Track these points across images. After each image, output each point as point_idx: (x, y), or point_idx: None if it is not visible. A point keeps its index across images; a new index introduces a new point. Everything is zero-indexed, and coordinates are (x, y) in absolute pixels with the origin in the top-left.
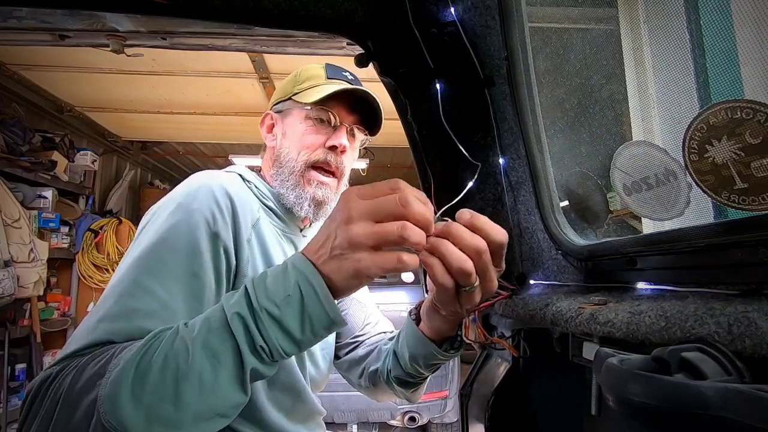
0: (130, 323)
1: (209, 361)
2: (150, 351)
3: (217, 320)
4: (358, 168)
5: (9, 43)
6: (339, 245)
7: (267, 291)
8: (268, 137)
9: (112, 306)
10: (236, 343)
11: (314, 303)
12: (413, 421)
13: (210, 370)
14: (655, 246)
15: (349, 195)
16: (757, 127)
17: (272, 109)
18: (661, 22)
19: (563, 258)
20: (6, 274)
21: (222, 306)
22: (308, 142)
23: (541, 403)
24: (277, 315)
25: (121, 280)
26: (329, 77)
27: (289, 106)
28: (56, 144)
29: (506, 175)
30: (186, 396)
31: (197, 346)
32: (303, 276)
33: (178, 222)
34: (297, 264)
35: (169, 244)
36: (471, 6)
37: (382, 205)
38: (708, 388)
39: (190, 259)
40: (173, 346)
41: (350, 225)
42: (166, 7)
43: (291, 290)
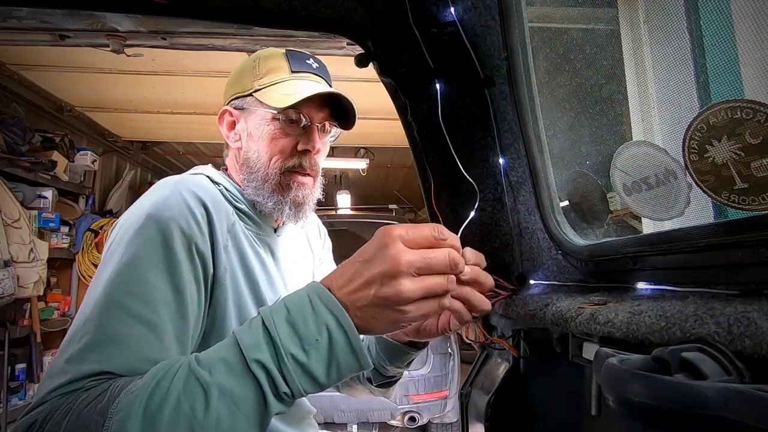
0: (121, 352)
1: (228, 407)
2: (158, 392)
3: (236, 363)
4: (358, 168)
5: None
6: (385, 296)
7: (292, 333)
8: (230, 136)
9: (96, 331)
10: (260, 390)
11: (344, 350)
12: (413, 421)
13: (228, 417)
14: (655, 246)
15: (392, 239)
16: (757, 127)
17: (230, 105)
18: (661, 22)
19: (563, 258)
20: (6, 274)
21: (238, 346)
22: (279, 147)
23: (541, 403)
24: (304, 360)
25: (100, 303)
26: (294, 70)
27: (251, 105)
28: (56, 144)
29: (506, 175)
30: None
31: (214, 391)
32: (334, 320)
33: (150, 235)
34: (327, 304)
35: (145, 261)
36: (471, 6)
37: (433, 263)
38: (708, 388)
39: (170, 275)
40: (186, 389)
41: (400, 279)
42: (166, 7)
43: (319, 334)
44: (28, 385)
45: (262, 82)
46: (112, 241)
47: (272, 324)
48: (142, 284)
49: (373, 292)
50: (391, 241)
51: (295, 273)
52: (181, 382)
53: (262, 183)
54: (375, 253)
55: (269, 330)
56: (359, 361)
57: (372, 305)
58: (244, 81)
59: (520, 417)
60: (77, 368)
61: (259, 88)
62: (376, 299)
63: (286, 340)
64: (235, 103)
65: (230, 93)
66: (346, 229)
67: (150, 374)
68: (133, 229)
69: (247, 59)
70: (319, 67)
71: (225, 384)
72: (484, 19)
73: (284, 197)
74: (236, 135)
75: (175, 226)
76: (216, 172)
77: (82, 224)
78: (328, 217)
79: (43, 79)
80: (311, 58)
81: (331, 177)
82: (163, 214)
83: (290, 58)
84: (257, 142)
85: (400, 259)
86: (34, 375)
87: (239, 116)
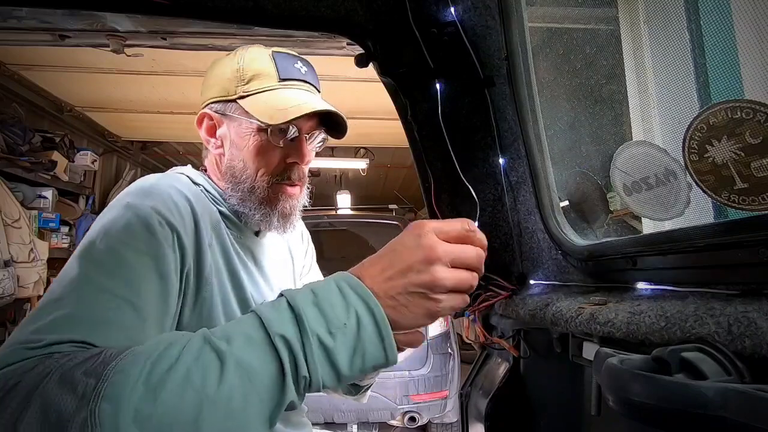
0: (106, 329)
1: (242, 382)
2: (165, 359)
3: (257, 336)
4: (358, 168)
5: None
6: (422, 282)
7: (318, 315)
8: (211, 141)
9: (76, 307)
10: (280, 367)
11: (372, 339)
12: (413, 421)
13: (241, 394)
14: (655, 246)
15: (427, 230)
16: (757, 127)
17: (210, 107)
18: (661, 23)
19: (563, 258)
20: (6, 274)
21: (260, 321)
22: (267, 160)
23: (541, 403)
24: (329, 344)
25: (77, 284)
26: (282, 78)
27: (235, 111)
28: (56, 144)
29: (506, 175)
30: (206, 424)
31: (231, 362)
32: (365, 305)
33: (131, 221)
34: (357, 291)
35: (127, 245)
36: (471, 6)
37: (465, 255)
38: (708, 388)
39: (153, 259)
40: (199, 358)
41: (436, 266)
42: (166, 7)
43: (347, 319)
44: None
45: (247, 89)
46: (91, 230)
47: (297, 304)
48: (124, 266)
49: (408, 280)
50: (425, 233)
51: (277, 277)
52: (194, 351)
53: (248, 194)
54: (410, 243)
55: (294, 308)
56: (386, 353)
57: (406, 293)
58: (226, 84)
59: (520, 417)
60: (52, 336)
61: (245, 94)
62: (412, 286)
63: (312, 321)
64: (216, 107)
65: (210, 95)
66: (346, 229)
67: (155, 341)
68: (113, 216)
69: (228, 58)
70: (307, 71)
71: (243, 356)
72: (484, 19)
73: (272, 209)
74: (218, 141)
75: (156, 214)
76: (196, 172)
77: (82, 224)
78: (328, 217)
79: (43, 79)
80: (299, 60)
81: (331, 177)
82: (143, 203)
83: (278, 62)
84: (242, 152)
85: (436, 247)
86: None
87: (221, 121)
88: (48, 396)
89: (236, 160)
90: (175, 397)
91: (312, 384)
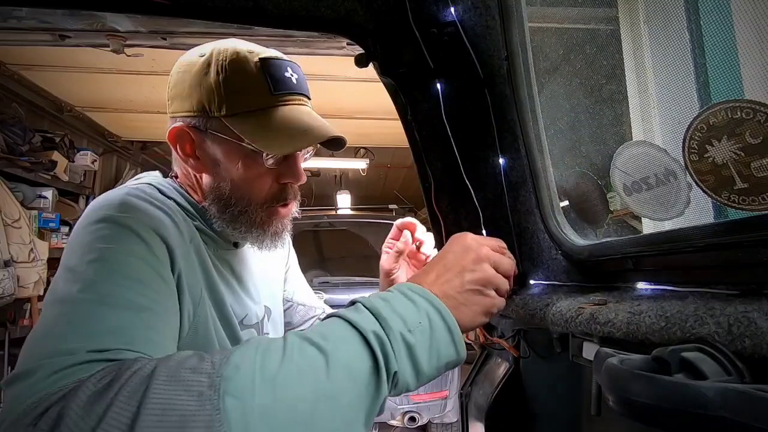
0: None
1: (346, 378)
2: (273, 354)
3: (350, 335)
4: (358, 168)
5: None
6: (478, 278)
7: (396, 316)
8: (189, 161)
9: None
10: (375, 365)
11: (443, 337)
12: (413, 421)
13: (346, 391)
14: (655, 246)
15: (470, 239)
16: (757, 127)
17: (184, 122)
18: (661, 23)
19: (563, 258)
20: (6, 274)
21: (347, 322)
22: (260, 184)
23: (541, 403)
24: (411, 341)
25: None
26: (274, 93)
27: (220, 131)
28: (56, 144)
29: (506, 175)
30: (320, 420)
31: (333, 358)
32: (432, 306)
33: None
34: (423, 294)
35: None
36: (471, 6)
37: (503, 261)
38: (708, 388)
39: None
40: (304, 354)
41: (485, 264)
42: (166, 7)
43: (421, 318)
44: None
45: (234, 107)
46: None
47: (375, 307)
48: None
49: (464, 279)
50: (469, 240)
51: (258, 287)
52: (296, 347)
53: (237, 217)
54: (458, 249)
55: (373, 311)
56: (457, 349)
57: (464, 291)
58: (204, 96)
59: (520, 417)
60: (99, 341)
61: (232, 114)
62: (469, 284)
63: (392, 321)
64: (194, 122)
65: (184, 107)
66: (346, 229)
67: (246, 344)
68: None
69: (202, 62)
70: (298, 78)
71: (342, 353)
72: (484, 19)
73: (265, 231)
74: (198, 161)
75: (142, 224)
76: (165, 182)
77: None
78: (328, 217)
79: (43, 79)
80: (288, 66)
81: (331, 177)
82: (123, 215)
83: (267, 73)
84: (230, 174)
85: (482, 250)
86: None
87: (201, 138)
88: (161, 396)
89: (222, 182)
90: (292, 392)
91: (398, 383)
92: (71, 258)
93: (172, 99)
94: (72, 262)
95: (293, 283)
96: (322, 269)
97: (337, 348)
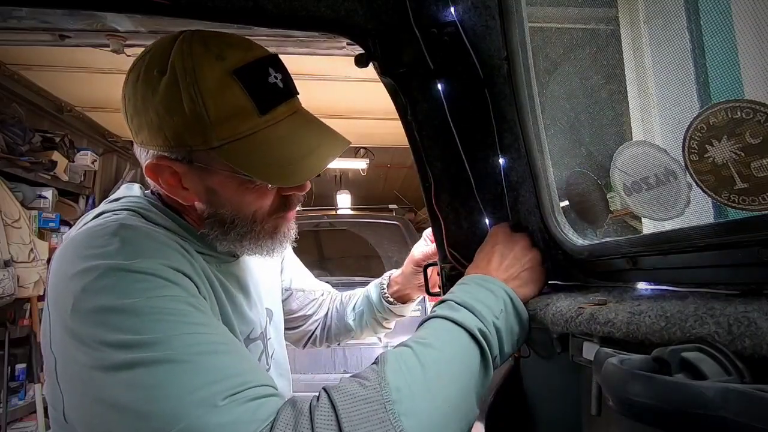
0: (254, 372)
1: (468, 373)
2: (415, 371)
3: (459, 334)
4: (358, 168)
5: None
6: (533, 257)
7: (486, 305)
8: (177, 192)
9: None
10: (482, 355)
11: (516, 318)
12: None
13: (471, 382)
14: (655, 246)
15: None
16: (757, 127)
17: (162, 156)
18: (661, 23)
19: (563, 258)
20: (6, 274)
21: (450, 322)
22: (262, 204)
23: (541, 403)
24: (499, 326)
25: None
26: (263, 113)
27: (211, 163)
28: (56, 144)
29: (506, 175)
30: (458, 406)
31: (456, 361)
32: (505, 292)
33: (137, 279)
34: (494, 282)
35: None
36: (471, 6)
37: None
38: (708, 388)
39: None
40: (435, 361)
41: (531, 245)
42: (166, 7)
43: (501, 305)
44: (28, 386)
45: (219, 137)
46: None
47: (468, 303)
48: (186, 321)
49: (523, 260)
50: (508, 230)
51: (261, 293)
52: (427, 357)
53: (242, 236)
54: (504, 239)
55: (468, 308)
56: (526, 326)
57: (526, 270)
58: (179, 127)
59: (520, 417)
60: (232, 386)
61: (218, 144)
62: (528, 263)
63: (485, 312)
64: (175, 155)
65: (155, 140)
66: (346, 229)
67: (390, 363)
68: (109, 287)
69: (164, 84)
70: (283, 78)
71: (458, 351)
72: (484, 19)
73: (273, 240)
74: (186, 191)
75: (162, 266)
76: (148, 206)
77: None
78: (328, 217)
79: (43, 79)
80: (269, 66)
81: (331, 177)
82: (135, 260)
83: (249, 87)
84: (228, 200)
85: (525, 241)
86: (34, 375)
87: (186, 170)
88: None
89: (221, 209)
90: (439, 393)
91: (495, 363)
92: (93, 330)
93: (138, 128)
94: (100, 334)
95: (289, 271)
96: (322, 269)
97: (454, 350)
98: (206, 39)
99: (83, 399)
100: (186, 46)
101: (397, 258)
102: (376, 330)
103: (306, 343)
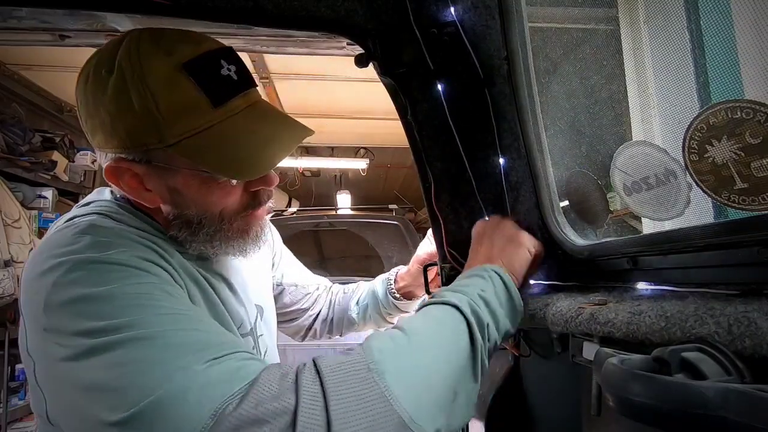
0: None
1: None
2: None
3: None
4: (358, 168)
5: (9, 43)
6: (524, 240)
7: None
8: (141, 194)
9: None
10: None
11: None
12: None
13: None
14: (655, 246)
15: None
16: (757, 127)
17: (123, 155)
18: (661, 23)
19: (563, 258)
20: (6, 274)
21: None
22: (230, 201)
23: (541, 403)
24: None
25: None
26: (216, 105)
27: (170, 162)
28: (56, 144)
29: (506, 175)
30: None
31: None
32: (492, 270)
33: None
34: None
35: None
36: (471, 6)
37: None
38: (708, 388)
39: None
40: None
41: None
42: (166, 7)
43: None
44: (28, 386)
45: (175, 134)
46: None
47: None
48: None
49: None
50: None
51: (250, 285)
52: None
53: (212, 236)
54: (494, 225)
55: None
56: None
57: (506, 244)
58: (132, 128)
59: (520, 417)
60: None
61: (176, 141)
62: (502, 236)
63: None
64: (131, 157)
65: (110, 142)
66: (346, 229)
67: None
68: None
69: (112, 83)
70: (237, 70)
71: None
72: (484, 19)
73: (245, 239)
74: (150, 192)
75: (137, 258)
76: (118, 209)
77: None
78: (328, 217)
79: (43, 79)
80: (221, 60)
81: (331, 177)
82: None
83: (201, 81)
84: (193, 200)
85: (512, 221)
86: None
87: (146, 171)
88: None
89: (187, 210)
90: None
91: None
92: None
93: (92, 130)
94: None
95: (281, 267)
96: (322, 269)
97: (437, 318)
98: (155, 36)
99: (62, 392)
100: (133, 44)
101: (397, 258)
102: (380, 324)
103: (305, 335)
